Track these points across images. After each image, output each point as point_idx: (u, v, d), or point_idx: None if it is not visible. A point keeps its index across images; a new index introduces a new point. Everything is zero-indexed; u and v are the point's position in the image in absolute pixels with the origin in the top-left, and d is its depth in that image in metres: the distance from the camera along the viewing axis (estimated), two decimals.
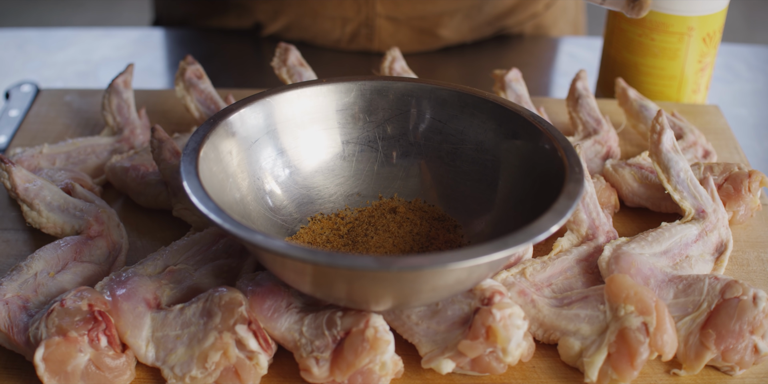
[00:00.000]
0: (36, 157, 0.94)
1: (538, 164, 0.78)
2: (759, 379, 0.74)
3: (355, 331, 0.70)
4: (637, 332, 0.71)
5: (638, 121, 1.00)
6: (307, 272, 0.68)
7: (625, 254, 0.79)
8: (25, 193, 0.86)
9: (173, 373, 0.71)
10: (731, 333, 0.73)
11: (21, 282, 0.77)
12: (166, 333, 0.73)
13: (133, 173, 0.90)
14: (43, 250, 0.80)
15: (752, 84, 1.23)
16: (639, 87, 1.09)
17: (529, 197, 0.77)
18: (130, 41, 1.30)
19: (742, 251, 0.87)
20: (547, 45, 1.33)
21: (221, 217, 0.67)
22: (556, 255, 0.82)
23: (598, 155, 0.95)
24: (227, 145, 0.79)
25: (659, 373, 0.74)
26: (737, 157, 1.00)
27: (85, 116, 1.06)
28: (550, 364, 0.75)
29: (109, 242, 0.83)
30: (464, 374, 0.73)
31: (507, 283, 0.77)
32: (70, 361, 0.70)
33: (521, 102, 1.00)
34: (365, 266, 0.63)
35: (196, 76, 1.01)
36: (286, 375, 0.73)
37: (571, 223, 0.84)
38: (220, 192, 0.75)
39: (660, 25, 1.04)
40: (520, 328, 0.71)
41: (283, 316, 0.73)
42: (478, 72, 1.20)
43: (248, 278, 0.76)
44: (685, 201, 0.84)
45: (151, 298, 0.75)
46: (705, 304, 0.75)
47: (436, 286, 0.67)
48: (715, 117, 1.07)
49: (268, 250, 0.65)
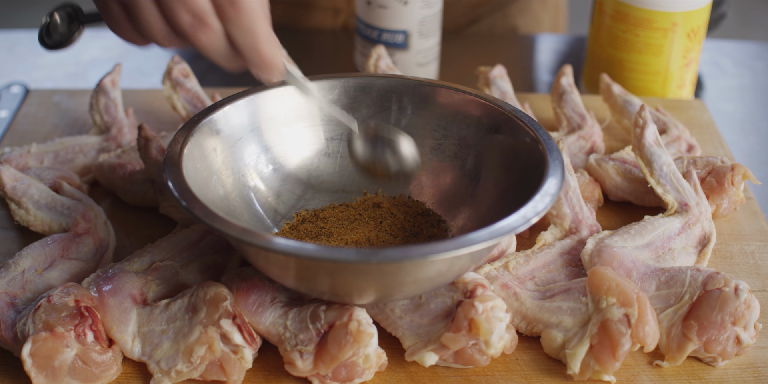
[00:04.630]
0: (24, 156, 0.95)
1: (520, 158, 0.78)
2: (741, 369, 0.74)
3: (339, 324, 0.71)
4: (618, 324, 0.71)
5: (622, 116, 1.01)
6: (290, 266, 0.68)
7: (607, 247, 0.79)
8: (12, 191, 0.87)
9: (159, 368, 0.72)
10: (713, 324, 0.74)
11: (9, 279, 0.77)
12: (152, 328, 0.73)
13: (120, 171, 0.91)
14: (31, 247, 0.81)
15: (739, 79, 1.24)
16: (624, 83, 1.09)
17: (512, 191, 0.78)
18: (119, 42, 1.30)
19: (726, 244, 0.87)
20: (532, 42, 1.33)
21: (205, 213, 0.67)
22: (539, 248, 0.82)
23: (582, 150, 0.96)
24: (212, 143, 0.79)
25: (642, 364, 0.75)
26: (721, 152, 1.01)
27: (74, 116, 1.07)
28: (533, 357, 0.75)
29: (96, 239, 0.83)
30: (448, 367, 0.74)
31: (490, 277, 0.78)
32: (57, 357, 0.70)
33: (506, 98, 1.00)
34: (346, 258, 0.64)
35: (182, 75, 1.02)
36: (270, 369, 0.74)
37: (554, 217, 0.85)
38: (204, 189, 0.75)
39: (644, 21, 1.04)
40: (503, 320, 0.71)
41: (267, 310, 0.74)
42: (463, 69, 1.21)
43: (233, 273, 0.77)
44: (668, 194, 0.85)
45: (138, 293, 0.76)
46: (687, 295, 0.75)
47: (417, 278, 0.68)
48: (700, 112, 1.08)
49: (252, 245, 0.65)
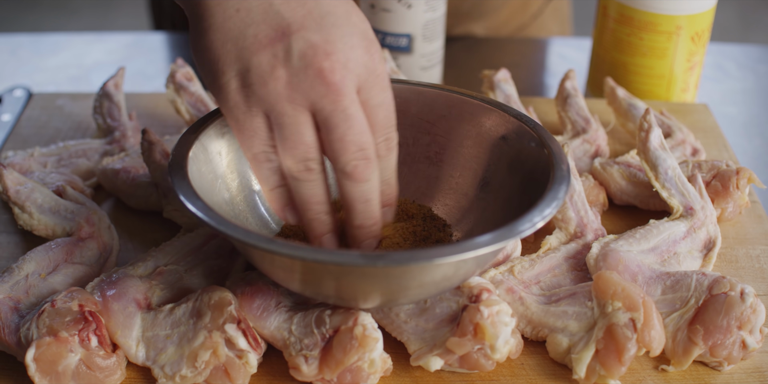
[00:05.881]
0: (27, 160, 0.95)
1: (525, 163, 0.78)
2: (747, 374, 0.74)
3: (344, 329, 0.71)
4: (624, 328, 0.71)
5: (627, 119, 1.01)
6: (295, 270, 0.68)
7: (613, 251, 0.79)
8: (16, 195, 0.87)
9: (163, 373, 0.71)
10: (719, 328, 0.73)
11: (12, 283, 0.77)
12: (156, 333, 0.73)
13: (123, 175, 0.91)
14: (35, 251, 0.81)
15: (742, 83, 1.23)
16: (628, 86, 1.09)
17: (517, 195, 0.78)
18: (122, 45, 1.31)
19: (731, 248, 0.87)
20: (536, 45, 1.33)
21: (210, 216, 0.67)
22: (544, 252, 0.82)
23: (586, 154, 0.96)
24: (217, 146, 0.79)
25: (647, 369, 0.74)
26: (726, 155, 1.01)
27: (77, 120, 1.06)
28: (539, 361, 0.75)
29: (100, 244, 0.83)
30: (453, 372, 0.74)
31: (495, 281, 0.78)
32: (61, 361, 0.70)
33: (510, 102, 1.00)
34: (352, 262, 0.63)
35: (186, 78, 1.02)
36: (275, 373, 0.74)
37: (559, 221, 0.85)
38: (209, 192, 0.75)
39: (648, 25, 1.04)
40: (508, 325, 0.71)
41: (272, 315, 0.74)
42: (467, 72, 1.21)
43: (238, 278, 0.76)
44: (673, 198, 0.85)
45: (142, 298, 0.75)
46: (693, 300, 0.75)
47: (423, 282, 0.68)
48: (704, 115, 1.08)
49: (257, 248, 0.65)
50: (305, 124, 0.68)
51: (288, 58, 0.66)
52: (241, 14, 0.68)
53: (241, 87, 0.68)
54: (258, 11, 0.68)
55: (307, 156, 0.68)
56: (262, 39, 0.67)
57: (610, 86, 1.04)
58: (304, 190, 0.70)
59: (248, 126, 0.69)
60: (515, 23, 1.36)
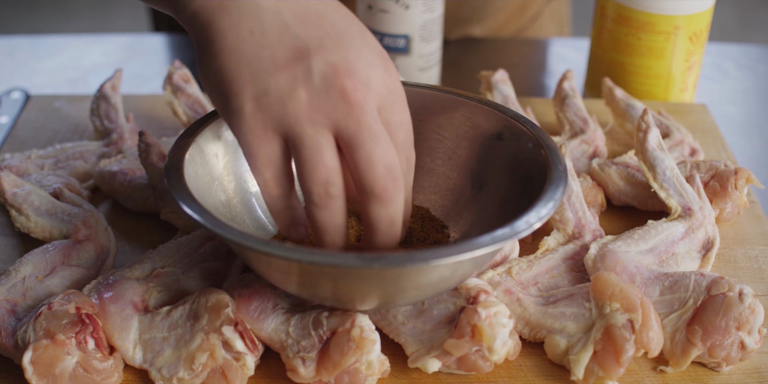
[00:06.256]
0: (24, 162, 0.95)
1: (523, 163, 0.78)
2: (746, 375, 0.74)
3: (341, 330, 0.70)
4: (622, 329, 0.71)
5: (625, 120, 1.01)
6: (292, 272, 0.68)
7: (611, 252, 0.79)
8: (13, 198, 0.87)
9: (161, 375, 0.71)
10: (717, 329, 0.73)
11: (9, 286, 0.77)
12: (154, 335, 0.73)
13: (120, 177, 0.91)
14: (32, 254, 0.81)
15: (741, 82, 1.23)
16: (626, 86, 1.09)
17: (515, 196, 0.77)
18: (120, 47, 1.31)
19: (729, 248, 0.87)
20: (534, 46, 1.33)
21: (206, 218, 0.67)
22: (542, 254, 0.82)
23: (584, 154, 0.96)
24: (213, 148, 0.79)
25: (646, 370, 0.74)
26: (724, 155, 1.01)
27: (74, 122, 1.06)
28: (537, 363, 0.75)
29: (97, 246, 0.83)
30: (451, 373, 0.74)
31: (493, 282, 0.78)
32: (58, 364, 0.70)
33: (508, 103, 1.00)
34: (348, 264, 0.63)
35: (183, 80, 1.02)
36: (272, 375, 0.73)
37: (557, 222, 0.84)
38: (206, 194, 0.75)
39: (646, 25, 1.04)
40: (506, 326, 0.71)
41: (269, 317, 0.74)
42: (465, 73, 1.21)
43: (235, 280, 0.76)
44: (671, 199, 0.85)
45: (139, 300, 0.75)
46: (691, 300, 0.75)
47: (420, 283, 0.67)
48: (703, 115, 1.08)
49: (254, 250, 0.65)
50: (327, 144, 0.65)
51: (308, 79, 0.65)
52: (255, 36, 0.66)
53: (256, 110, 0.65)
54: (273, 33, 0.66)
55: (328, 179, 0.65)
56: (279, 61, 0.65)
57: (608, 86, 1.04)
58: (322, 217, 0.67)
59: (262, 152, 0.66)
60: (514, 26, 1.36)
